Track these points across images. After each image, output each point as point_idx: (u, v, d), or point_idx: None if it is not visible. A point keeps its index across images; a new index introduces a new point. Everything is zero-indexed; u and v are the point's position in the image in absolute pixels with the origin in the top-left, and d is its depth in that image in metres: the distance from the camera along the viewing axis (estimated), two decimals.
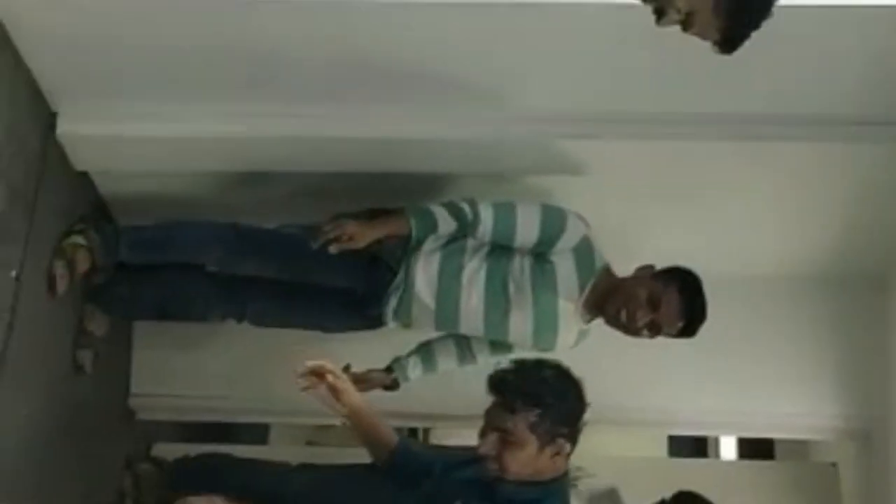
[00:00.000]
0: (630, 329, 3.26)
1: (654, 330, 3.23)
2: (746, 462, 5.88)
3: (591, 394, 3.21)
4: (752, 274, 3.95)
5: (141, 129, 3.34)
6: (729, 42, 2.37)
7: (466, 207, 3.27)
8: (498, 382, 2.76)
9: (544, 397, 2.72)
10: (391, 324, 3.48)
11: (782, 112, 3.21)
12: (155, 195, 3.72)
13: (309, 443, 5.48)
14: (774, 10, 2.31)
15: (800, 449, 5.51)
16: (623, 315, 3.24)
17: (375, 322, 3.49)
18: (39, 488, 3.40)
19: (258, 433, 5.58)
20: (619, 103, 3.19)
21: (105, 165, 3.61)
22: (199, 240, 3.49)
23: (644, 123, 3.21)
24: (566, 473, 2.79)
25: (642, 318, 3.21)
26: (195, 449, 3.95)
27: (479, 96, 3.21)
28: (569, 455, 2.79)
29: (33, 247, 3.30)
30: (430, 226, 3.28)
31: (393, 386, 3.62)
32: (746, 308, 3.98)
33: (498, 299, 3.30)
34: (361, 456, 3.27)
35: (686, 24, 2.36)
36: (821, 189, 3.57)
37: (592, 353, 3.65)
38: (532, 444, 2.69)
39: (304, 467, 3.51)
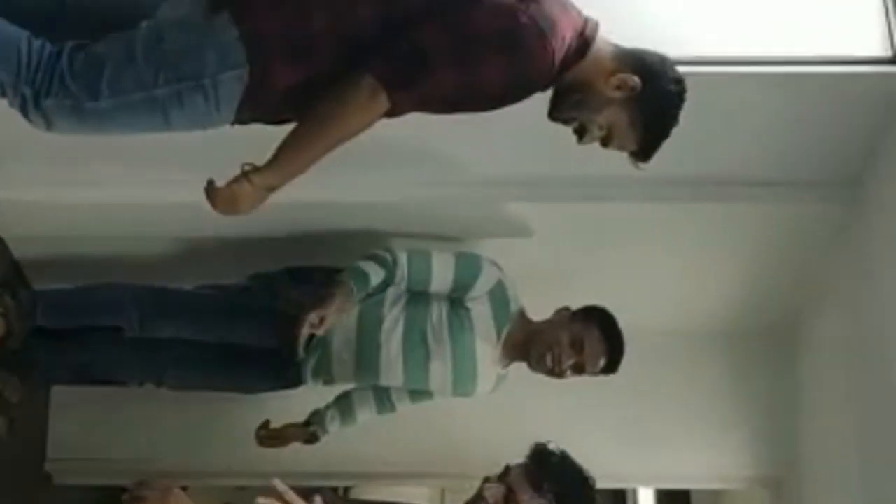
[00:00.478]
0: (555, 372, 3.32)
1: (578, 371, 3.31)
2: None
3: (506, 446, 3.27)
4: (665, 328, 4.05)
5: (56, 195, 3.32)
6: (644, 151, 2.60)
7: (387, 255, 3.30)
8: (542, 456, 2.73)
9: (569, 496, 2.71)
10: (310, 383, 3.49)
11: (688, 174, 3.29)
12: (71, 258, 3.73)
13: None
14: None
15: (715, 500, 5.61)
16: (548, 359, 3.30)
17: (294, 382, 3.50)
18: None
19: None
20: (553, 168, 3.25)
21: (19, 230, 3.59)
22: (115, 303, 3.47)
23: (570, 186, 3.29)
24: None
25: (567, 360, 3.28)
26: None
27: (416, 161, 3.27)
28: None
29: None
30: (366, 284, 3.27)
31: (312, 440, 3.64)
32: (659, 362, 4.07)
33: (417, 349, 3.33)
34: None
35: (606, 140, 2.57)
36: (729, 247, 3.70)
37: (510, 407, 3.73)
38: None
39: None
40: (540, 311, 3.38)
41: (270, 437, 3.62)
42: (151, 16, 2.39)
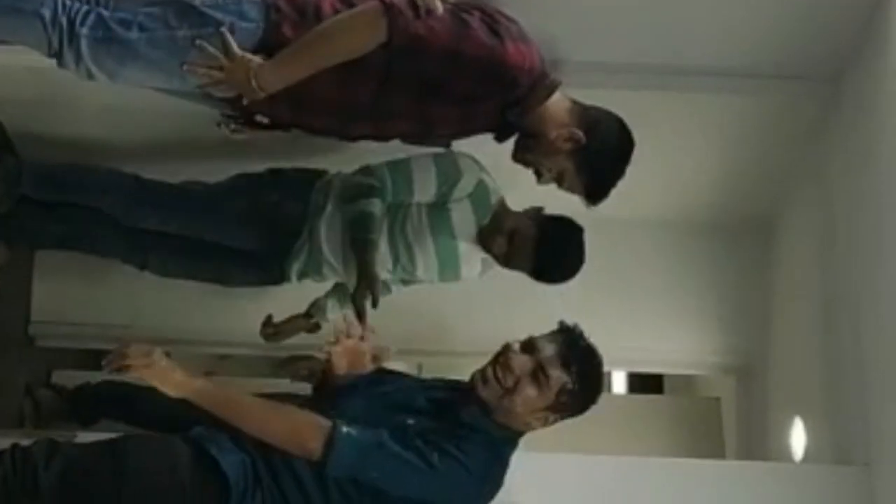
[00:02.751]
0: (502, 262, 3.41)
1: (506, 262, 3.39)
2: (636, 396, 6.10)
3: (480, 330, 3.31)
4: (641, 218, 4.10)
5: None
6: (592, 197, 3.03)
7: (374, 182, 3.28)
8: (573, 336, 2.75)
9: (590, 381, 2.71)
10: (296, 282, 3.53)
11: (665, 63, 3.32)
12: (61, 137, 3.71)
13: (208, 373, 5.49)
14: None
15: (686, 384, 5.74)
16: (490, 243, 3.37)
17: (277, 279, 3.53)
18: None
19: None
20: None
21: (9, 95, 3.56)
22: (101, 187, 3.49)
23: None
24: (522, 435, 2.76)
25: (499, 248, 3.35)
26: (95, 376, 3.98)
27: None
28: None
29: None
30: (379, 227, 3.30)
31: (314, 329, 3.69)
32: (635, 250, 4.15)
33: (401, 247, 3.37)
34: (262, 387, 3.34)
35: (559, 182, 3.01)
36: (707, 138, 3.73)
37: (483, 293, 3.78)
38: (548, 400, 2.67)
39: None
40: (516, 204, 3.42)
41: (276, 332, 3.67)
42: None
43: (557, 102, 2.98)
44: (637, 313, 4.20)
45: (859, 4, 3.09)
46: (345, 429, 2.49)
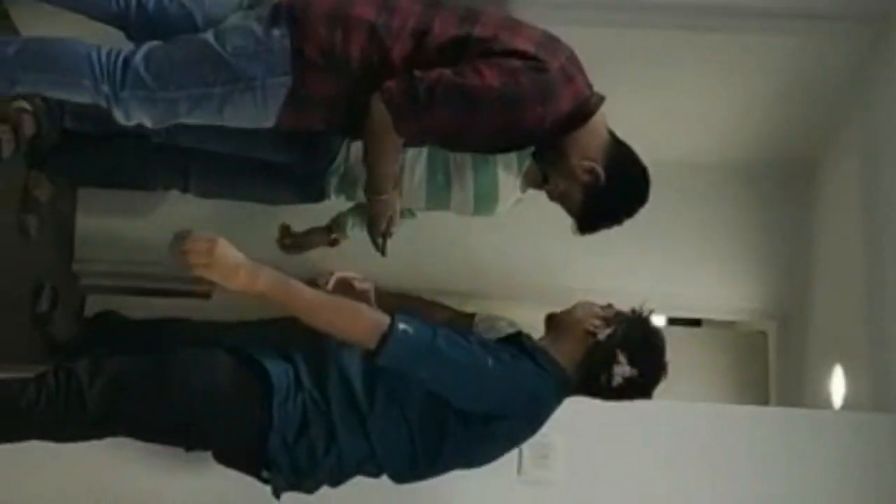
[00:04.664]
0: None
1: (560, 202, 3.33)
2: (677, 328, 6.04)
3: (522, 272, 3.28)
4: (681, 162, 4.06)
5: None
6: (579, 228, 3.01)
7: None
8: (647, 329, 2.75)
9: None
10: (334, 198, 3.53)
11: (711, 4, 3.28)
12: None
13: None
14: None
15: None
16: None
17: (316, 197, 3.54)
18: None
19: None
20: None
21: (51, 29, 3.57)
22: None
23: (588, 9, 3.26)
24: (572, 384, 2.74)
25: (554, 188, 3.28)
26: (127, 302, 4.01)
27: None
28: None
29: None
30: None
31: (333, 244, 3.69)
32: (675, 195, 4.05)
33: (439, 176, 3.36)
34: None
35: (558, 199, 2.99)
36: (746, 79, 3.68)
37: (527, 234, 3.76)
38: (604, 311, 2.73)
39: (242, 324, 3.54)
40: None
41: (294, 244, 3.68)
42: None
43: (595, 132, 2.88)
44: (677, 258, 4.19)
45: None
46: (402, 325, 2.47)
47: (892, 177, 3.33)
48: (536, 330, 2.83)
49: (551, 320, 2.81)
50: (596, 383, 2.71)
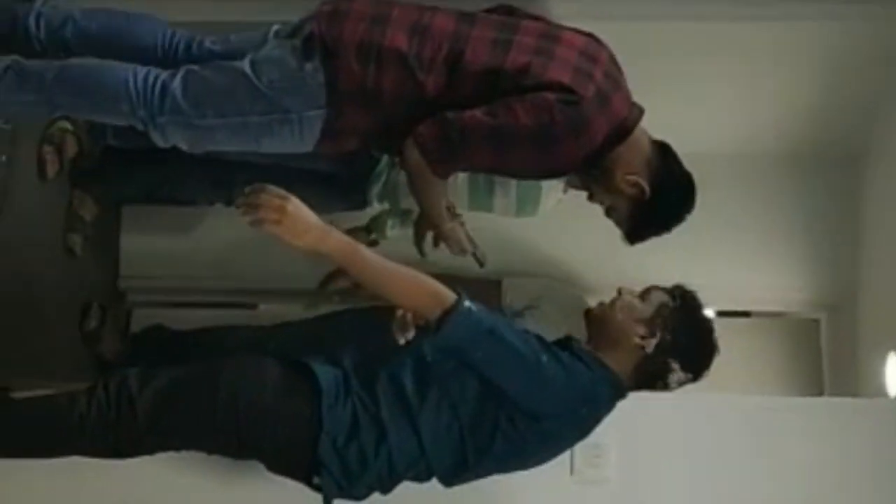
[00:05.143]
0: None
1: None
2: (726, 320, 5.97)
3: (574, 265, 3.25)
4: (727, 151, 4.02)
5: None
6: (630, 240, 3.02)
7: None
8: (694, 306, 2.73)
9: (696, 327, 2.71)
10: (376, 205, 3.54)
11: None
12: None
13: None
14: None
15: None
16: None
17: (360, 204, 3.55)
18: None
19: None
20: None
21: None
22: None
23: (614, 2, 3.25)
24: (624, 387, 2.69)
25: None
26: (171, 316, 4.04)
27: None
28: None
29: (22, 131, 3.33)
30: None
31: (372, 244, 3.67)
32: (721, 185, 3.97)
33: (480, 179, 3.36)
34: None
35: (607, 213, 3.00)
36: (792, 67, 3.64)
37: (577, 226, 3.74)
38: (647, 312, 2.68)
39: (285, 324, 3.62)
40: None
41: None
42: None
43: (637, 146, 2.87)
44: (725, 251, 4.13)
45: None
46: (467, 303, 2.45)
47: None
48: None
49: (591, 319, 2.77)
50: (651, 389, 2.70)
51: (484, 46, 2.75)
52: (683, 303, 2.71)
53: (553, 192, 3.42)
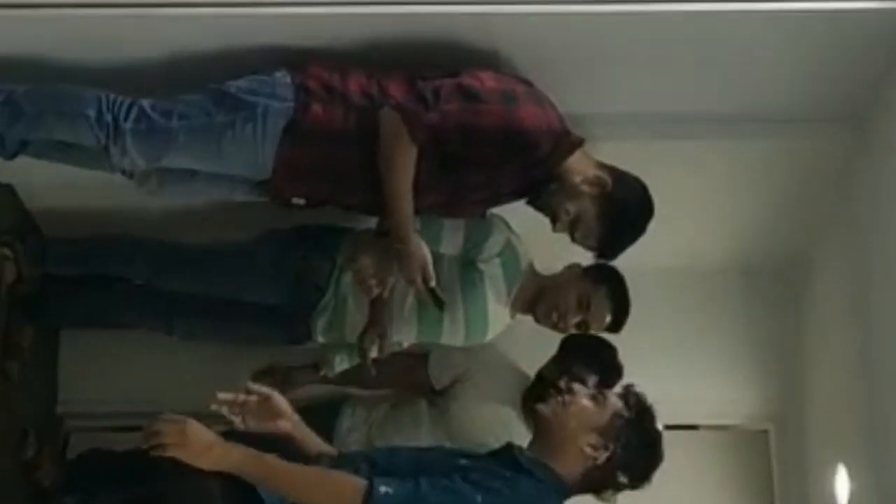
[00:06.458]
0: (560, 329, 3.37)
1: (584, 328, 3.36)
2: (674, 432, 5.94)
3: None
4: (673, 265, 4.06)
5: None
6: (606, 248, 3.08)
7: None
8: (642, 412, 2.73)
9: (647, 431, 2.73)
10: (321, 340, 3.50)
11: (692, 111, 3.33)
12: (82, 207, 3.68)
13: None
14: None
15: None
16: (554, 316, 3.35)
17: (303, 338, 3.51)
18: None
19: None
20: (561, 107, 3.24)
21: (30, 177, 3.55)
22: (125, 254, 3.50)
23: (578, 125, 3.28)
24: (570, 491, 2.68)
25: (572, 318, 3.33)
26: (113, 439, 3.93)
27: None
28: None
29: None
30: None
31: (323, 381, 3.68)
32: (664, 299, 4.08)
33: (430, 309, 3.34)
34: None
35: (573, 228, 3.04)
36: (736, 184, 3.70)
37: (524, 341, 3.73)
38: (602, 420, 2.67)
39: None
40: (551, 260, 3.41)
41: (283, 382, 3.63)
42: None
43: (582, 159, 3.02)
44: (670, 363, 4.13)
45: (880, 47, 3.06)
46: (382, 488, 2.45)
47: (881, 274, 3.33)
48: None
49: (541, 419, 2.76)
50: (595, 495, 2.71)
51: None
52: (638, 415, 2.70)
53: (501, 318, 3.42)
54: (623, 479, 2.65)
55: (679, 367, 4.16)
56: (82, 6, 2.91)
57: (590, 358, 3.36)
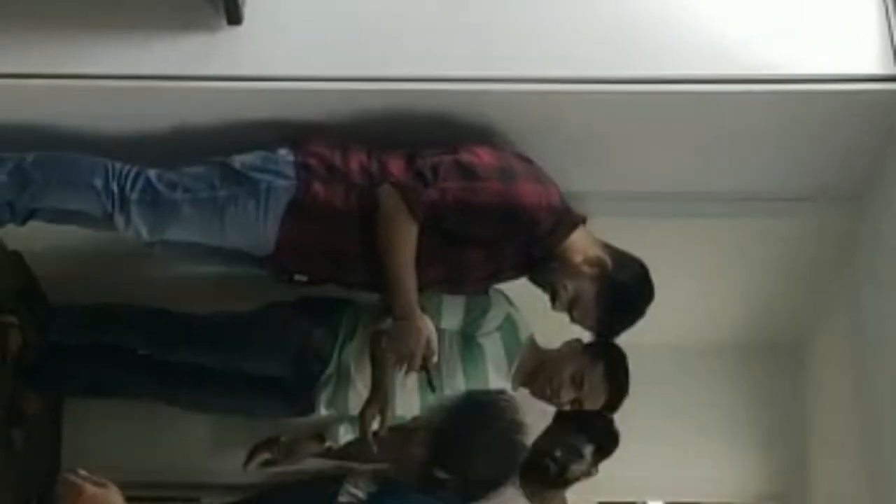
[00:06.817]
0: (554, 404, 3.36)
1: (577, 406, 3.33)
2: None
3: None
4: (672, 343, 4.07)
5: None
6: (604, 329, 3.10)
7: None
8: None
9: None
10: (324, 412, 3.51)
11: (691, 190, 3.35)
12: (88, 275, 3.73)
13: None
14: None
15: None
16: (548, 392, 3.34)
17: (305, 410, 3.52)
18: None
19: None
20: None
21: (39, 245, 3.59)
22: (130, 324, 3.52)
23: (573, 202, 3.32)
24: None
25: (566, 395, 3.32)
26: None
27: None
28: None
29: None
30: None
31: (328, 452, 3.68)
32: (664, 378, 4.08)
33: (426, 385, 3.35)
34: None
35: (571, 306, 3.04)
36: (734, 263, 3.73)
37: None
38: None
39: None
40: (552, 335, 3.41)
41: (287, 454, 3.64)
42: None
43: (584, 238, 3.03)
44: (671, 443, 4.13)
45: (878, 126, 3.08)
46: None
47: (882, 350, 3.32)
48: None
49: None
50: None
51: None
52: None
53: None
54: None
55: (681, 446, 4.16)
56: (89, 78, 2.97)
57: (585, 427, 3.34)
